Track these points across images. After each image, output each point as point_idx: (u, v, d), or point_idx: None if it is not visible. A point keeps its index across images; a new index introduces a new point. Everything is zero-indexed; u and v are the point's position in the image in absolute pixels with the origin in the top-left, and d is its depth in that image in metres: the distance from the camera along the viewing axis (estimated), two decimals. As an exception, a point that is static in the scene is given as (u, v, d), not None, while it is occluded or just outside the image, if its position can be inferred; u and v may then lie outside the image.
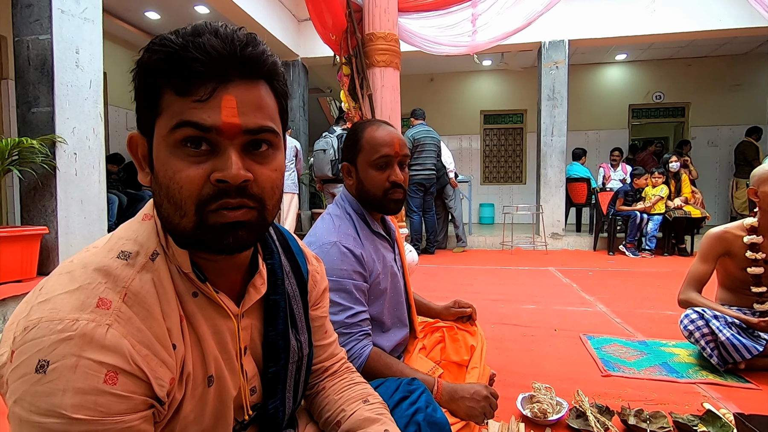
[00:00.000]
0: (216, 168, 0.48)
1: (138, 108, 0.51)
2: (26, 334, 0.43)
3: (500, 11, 3.25)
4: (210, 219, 0.49)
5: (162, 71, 0.47)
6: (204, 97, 0.47)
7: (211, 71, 0.47)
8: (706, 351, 1.74)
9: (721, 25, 5.48)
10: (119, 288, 0.47)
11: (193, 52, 0.46)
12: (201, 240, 0.50)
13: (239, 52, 0.48)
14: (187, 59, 0.46)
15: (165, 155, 0.48)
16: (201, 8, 5.46)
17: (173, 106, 0.47)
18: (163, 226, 0.53)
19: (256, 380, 0.62)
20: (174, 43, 0.46)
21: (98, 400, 0.42)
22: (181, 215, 0.49)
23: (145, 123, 0.51)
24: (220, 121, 0.47)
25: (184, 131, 0.47)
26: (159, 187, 0.50)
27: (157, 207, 0.53)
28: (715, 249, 1.85)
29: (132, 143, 0.53)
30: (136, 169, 2.01)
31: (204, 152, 0.48)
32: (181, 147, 0.48)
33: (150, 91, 0.49)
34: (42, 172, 2.59)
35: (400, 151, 1.10)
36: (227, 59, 0.47)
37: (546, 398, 1.38)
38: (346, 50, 2.31)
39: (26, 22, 2.61)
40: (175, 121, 0.47)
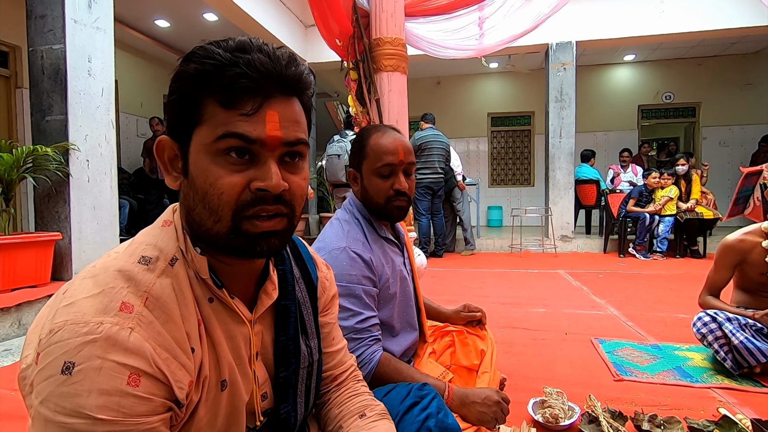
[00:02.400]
0: (256, 177, 0.51)
1: (172, 114, 0.52)
2: (52, 336, 0.45)
3: (507, 14, 3.25)
4: (243, 225, 0.51)
5: (207, 83, 0.49)
6: (250, 112, 0.50)
7: (258, 87, 0.50)
8: (719, 354, 1.71)
9: (732, 24, 5.42)
10: (141, 292, 0.48)
11: (243, 67, 0.48)
12: (234, 245, 0.52)
13: (284, 70, 0.51)
14: (236, 74, 0.48)
15: (206, 162, 0.50)
16: (210, 15, 5.53)
17: (218, 117, 0.50)
18: (190, 230, 0.55)
19: (267, 386, 0.63)
20: (222, 57, 0.49)
21: (121, 401, 0.43)
22: (216, 220, 0.51)
23: (179, 129, 0.52)
24: (265, 134, 0.50)
25: (229, 141, 0.49)
26: (195, 192, 0.52)
27: (187, 211, 0.54)
28: (731, 259, 1.81)
29: (160, 147, 0.54)
30: (145, 175, 2.05)
31: (245, 161, 0.51)
32: (223, 155, 0.50)
33: (190, 100, 0.51)
34: (55, 178, 2.63)
35: (405, 159, 1.09)
36: (272, 76, 0.50)
37: (558, 403, 1.36)
38: (353, 55, 2.32)
39: (40, 32, 2.66)
40: (221, 132, 0.49)
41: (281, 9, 5.65)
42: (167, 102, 0.53)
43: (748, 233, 1.80)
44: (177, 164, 0.54)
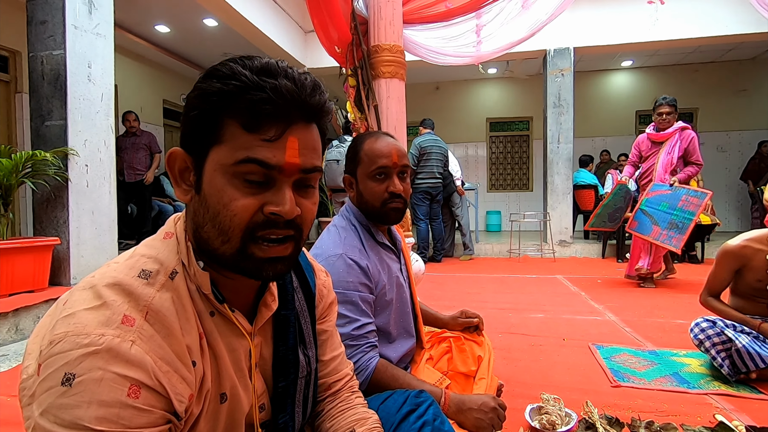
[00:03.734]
0: (270, 201, 0.51)
1: (190, 129, 0.52)
2: (52, 347, 0.45)
3: (504, 22, 3.27)
4: (251, 248, 0.51)
5: (230, 104, 0.49)
6: (273, 138, 0.50)
7: (281, 113, 0.50)
8: (716, 360, 1.71)
9: (728, 31, 5.46)
10: (141, 306, 0.49)
11: (269, 92, 0.48)
12: (240, 266, 0.52)
13: (308, 98, 0.51)
14: (261, 99, 0.48)
15: (221, 183, 0.50)
16: (210, 21, 5.56)
17: (239, 140, 0.49)
18: (194, 245, 0.55)
19: (265, 397, 0.63)
20: (248, 79, 0.48)
21: (121, 413, 0.43)
22: (224, 240, 0.51)
23: (196, 145, 0.52)
24: (284, 161, 0.50)
25: (249, 167, 0.49)
26: (205, 210, 0.51)
27: (196, 227, 0.54)
28: (732, 264, 1.82)
29: (171, 159, 0.54)
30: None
31: (260, 185, 0.51)
32: (239, 178, 0.50)
33: (211, 118, 0.50)
34: (54, 183, 2.64)
35: (398, 162, 1.10)
36: (296, 104, 0.50)
37: (555, 409, 1.36)
38: (351, 62, 2.34)
39: (41, 37, 2.68)
40: (241, 156, 0.49)
41: (281, 15, 5.68)
42: (185, 116, 0.52)
43: (751, 239, 1.79)
44: (188, 177, 0.54)
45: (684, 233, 3.28)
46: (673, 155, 3.56)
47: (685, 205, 3.34)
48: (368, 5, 2.31)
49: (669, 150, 3.56)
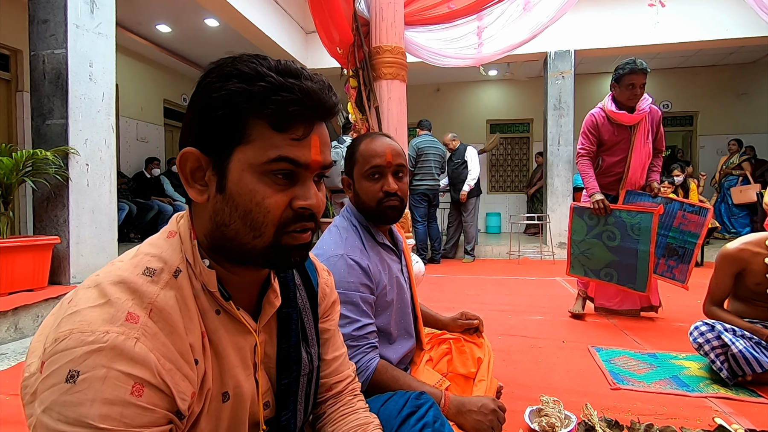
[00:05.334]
0: (297, 196, 0.54)
1: (209, 130, 0.52)
2: (57, 344, 0.45)
3: (505, 24, 3.28)
4: (284, 240, 0.54)
5: (256, 104, 0.50)
6: (301, 137, 0.52)
7: (308, 113, 0.52)
8: (715, 364, 1.72)
9: (728, 35, 5.47)
10: (145, 304, 0.49)
11: (298, 94, 0.51)
12: (268, 258, 0.54)
13: (327, 99, 0.54)
14: (291, 100, 0.50)
15: (252, 181, 0.52)
16: (211, 21, 5.57)
17: (268, 140, 0.51)
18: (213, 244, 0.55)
19: (269, 394, 0.63)
20: (274, 80, 0.50)
21: (124, 411, 0.44)
22: (256, 236, 0.53)
23: (217, 145, 0.52)
24: (311, 158, 0.53)
25: (281, 165, 0.52)
26: (233, 209, 0.52)
27: (217, 225, 0.54)
28: (731, 268, 1.82)
29: (183, 160, 0.53)
30: (145, 180, 2.06)
31: (288, 181, 0.54)
32: (270, 176, 0.52)
33: (235, 118, 0.51)
34: (55, 182, 2.64)
35: (393, 161, 1.10)
36: (319, 104, 0.53)
37: (554, 411, 1.36)
38: (353, 63, 2.34)
39: (42, 36, 2.68)
40: (274, 155, 0.51)
41: (282, 15, 5.69)
42: (203, 115, 0.52)
43: (749, 243, 1.80)
44: (201, 177, 0.54)
45: (688, 262, 2.49)
46: (649, 145, 2.67)
47: (683, 224, 2.51)
48: (370, 6, 2.31)
49: (646, 136, 2.63)
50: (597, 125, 2.65)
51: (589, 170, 2.68)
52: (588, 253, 2.69)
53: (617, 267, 2.59)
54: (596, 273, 2.67)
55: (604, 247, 2.61)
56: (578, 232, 2.73)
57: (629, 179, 2.65)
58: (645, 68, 2.54)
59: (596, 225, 2.63)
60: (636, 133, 2.61)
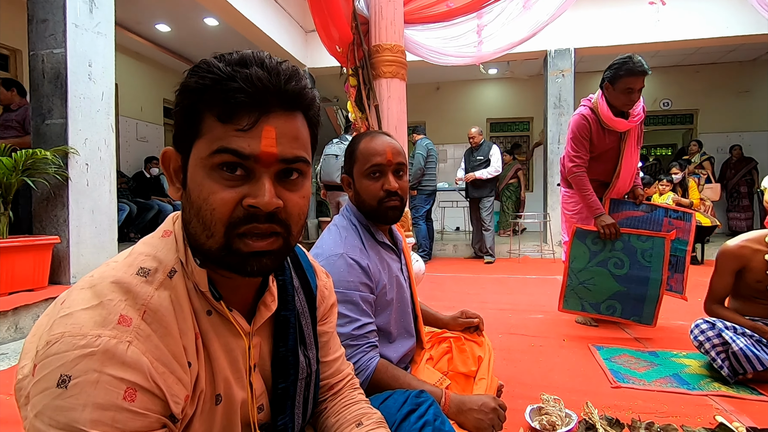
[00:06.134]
0: (249, 194, 0.49)
1: (177, 127, 0.53)
2: (49, 348, 0.44)
3: (505, 22, 3.27)
4: (235, 244, 0.50)
5: (206, 96, 0.49)
6: (246, 127, 0.49)
7: (255, 102, 0.49)
8: (716, 362, 1.71)
9: (729, 32, 5.46)
10: (139, 305, 0.48)
11: (240, 82, 0.48)
12: (226, 262, 0.51)
13: (283, 85, 0.50)
14: (233, 89, 0.48)
15: (201, 176, 0.50)
16: (210, 20, 5.56)
17: (214, 131, 0.49)
18: (188, 242, 0.55)
19: (264, 398, 0.62)
20: (221, 71, 0.48)
21: (116, 416, 0.43)
22: (209, 235, 0.50)
23: (182, 142, 0.52)
24: (259, 150, 0.49)
25: (222, 157, 0.49)
26: (190, 205, 0.51)
27: (185, 223, 0.54)
28: (732, 265, 1.82)
29: (165, 158, 0.54)
30: (145, 179, 2.06)
31: (238, 177, 0.50)
32: (217, 170, 0.49)
33: (191, 113, 0.50)
34: (55, 182, 2.64)
35: (393, 160, 1.09)
36: (271, 92, 0.49)
37: (555, 410, 1.36)
38: (353, 62, 2.34)
39: (41, 36, 2.68)
40: (215, 147, 0.49)
41: (282, 14, 5.68)
42: (173, 113, 0.53)
43: (749, 240, 1.80)
44: (179, 176, 0.54)
45: (682, 271, 2.35)
46: (639, 150, 2.45)
47: (669, 230, 2.32)
48: (369, 5, 2.31)
49: (636, 142, 2.40)
50: (585, 129, 2.30)
51: (587, 186, 2.33)
52: (589, 283, 2.35)
53: (623, 298, 2.31)
54: (596, 307, 2.37)
55: (611, 277, 2.30)
56: (579, 260, 2.34)
57: (617, 188, 2.41)
58: (645, 69, 2.18)
59: (601, 251, 2.30)
60: (627, 139, 2.35)
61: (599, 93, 2.29)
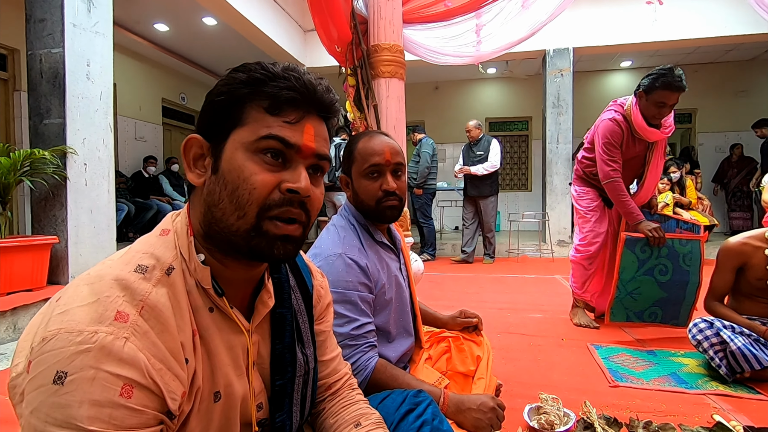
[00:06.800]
0: (287, 179, 0.54)
1: (212, 115, 0.56)
2: (44, 344, 0.44)
3: (504, 22, 3.27)
4: (265, 225, 0.53)
5: (257, 89, 0.54)
6: (293, 120, 0.55)
7: (302, 101, 0.55)
8: (714, 361, 1.72)
9: (727, 32, 5.47)
10: (136, 301, 0.48)
11: (293, 81, 0.54)
12: (251, 245, 0.54)
13: (323, 94, 0.57)
14: (287, 86, 0.54)
15: (242, 158, 0.53)
16: (209, 20, 5.55)
17: (262, 121, 0.54)
18: (206, 231, 0.56)
19: (263, 396, 0.63)
20: (274, 70, 0.55)
21: (113, 413, 0.43)
22: (240, 215, 0.53)
23: (217, 129, 0.55)
24: (302, 142, 0.55)
25: (269, 143, 0.54)
26: (223, 187, 0.54)
27: (209, 207, 0.55)
28: (732, 262, 1.84)
29: (188, 144, 0.57)
30: (143, 179, 2.06)
31: (279, 164, 0.55)
32: (260, 154, 0.54)
33: (236, 103, 0.54)
34: (53, 182, 2.63)
35: (391, 160, 1.09)
36: (314, 96, 0.56)
37: (553, 409, 1.37)
38: (351, 61, 2.34)
39: (39, 36, 2.67)
40: (264, 133, 0.54)
41: (280, 14, 5.67)
42: (208, 103, 0.56)
43: (751, 237, 1.82)
44: (202, 162, 0.57)
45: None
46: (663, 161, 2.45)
47: None
48: (368, 5, 2.31)
49: (663, 153, 2.39)
50: (617, 133, 2.23)
51: (625, 192, 2.25)
52: (635, 293, 2.27)
53: (664, 304, 2.28)
54: (639, 315, 2.31)
55: (655, 284, 2.25)
56: (628, 270, 2.25)
57: (639, 197, 2.35)
58: (683, 86, 2.11)
59: (649, 258, 2.23)
60: (655, 149, 2.33)
61: (633, 100, 2.23)
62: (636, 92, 2.21)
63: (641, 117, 2.18)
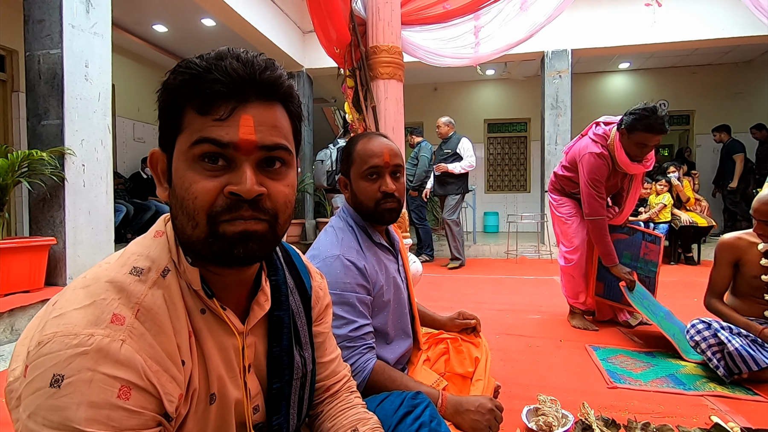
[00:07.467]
0: (231, 182, 0.50)
1: (161, 126, 0.54)
2: (41, 348, 0.44)
3: (502, 23, 3.28)
4: (221, 227, 0.50)
5: (185, 92, 0.50)
6: (224, 116, 0.50)
7: (231, 92, 0.50)
8: (712, 362, 1.73)
9: (725, 34, 5.49)
10: (132, 304, 0.48)
11: (216, 74, 0.49)
12: (212, 250, 0.51)
13: (258, 75, 0.51)
14: (209, 80, 0.49)
15: (183, 169, 0.51)
16: (208, 21, 5.55)
17: (194, 124, 0.50)
18: (177, 240, 0.55)
19: (260, 398, 0.62)
20: (198, 66, 0.50)
21: (111, 414, 0.43)
22: (194, 225, 0.51)
23: (166, 140, 0.53)
24: (238, 137, 0.50)
25: (202, 147, 0.50)
26: (175, 199, 0.52)
27: (172, 219, 0.54)
28: (727, 257, 1.89)
29: (153, 159, 0.55)
30: (142, 180, 2.07)
31: (220, 167, 0.50)
32: (198, 161, 0.50)
33: (173, 111, 0.52)
34: (51, 183, 2.62)
35: (390, 161, 1.10)
36: (246, 81, 0.50)
37: (551, 411, 1.37)
38: (350, 63, 2.34)
39: (38, 36, 2.67)
40: (195, 138, 0.50)
41: (279, 15, 5.68)
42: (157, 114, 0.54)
43: (746, 233, 1.87)
44: (166, 175, 0.55)
45: (653, 291, 2.47)
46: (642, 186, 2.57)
47: (647, 254, 2.48)
48: (367, 6, 2.31)
49: (642, 179, 2.48)
50: (602, 169, 2.24)
51: (607, 234, 2.31)
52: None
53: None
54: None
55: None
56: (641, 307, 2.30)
57: (617, 220, 2.48)
58: (664, 128, 2.08)
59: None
60: (634, 179, 2.40)
61: (615, 135, 2.22)
62: (618, 128, 2.21)
63: (624, 154, 2.20)
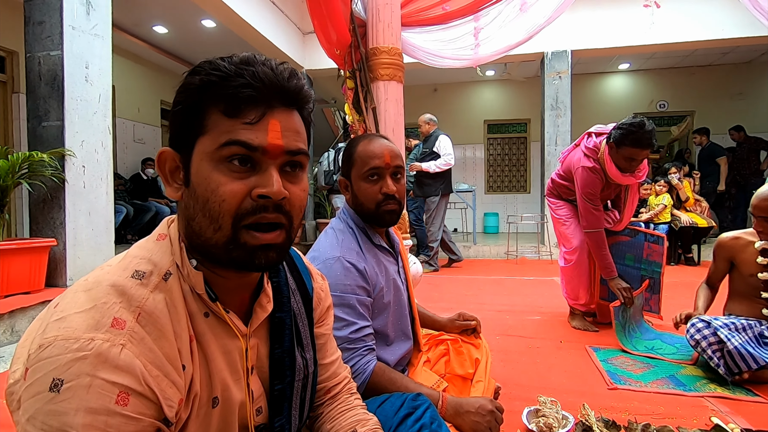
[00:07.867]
0: (258, 184, 0.51)
1: (176, 125, 0.53)
2: (41, 351, 0.44)
3: (502, 25, 3.28)
4: (243, 237, 0.51)
5: (212, 93, 0.51)
6: (254, 120, 0.51)
7: (261, 97, 0.51)
8: (713, 361, 1.72)
9: (724, 35, 5.50)
10: (133, 307, 0.48)
11: (247, 78, 0.50)
12: (232, 257, 0.52)
13: (285, 83, 0.53)
14: (240, 84, 0.50)
15: (208, 170, 0.51)
16: (208, 22, 5.56)
17: (221, 126, 0.51)
18: (188, 242, 0.55)
19: (262, 400, 0.62)
20: (227, 68, 0.51)
21: (109, 420, 0.43)
22: (216, 228, 0.51)
23: (182, 140, 0.53)
24: (267, 142, 0.51)
25: (232, 149, 0.50)
26: (195, 201, 0.52)
27: (186, 221, 0.54)
28: (724, 253, 1.96)
29: (161, 159, 0.55)
30: (142, 181, 2.07)
31: (247, 169, 0.51)
32: (225, 163, 0.51)
33: (195, 111, 0.52)
34: (51, 184, 2.63)
35: (391, 163, 1.10)
36: (275, 88, 0.52)
37: (552, 412, 1.37)
38: (350, 64, 2.34)
39: (38, 38, 2.67)
40: (224, 140, 0.50)
41: (279, 16, 5.68)
42: (172, 113, 0.54)
43: (744, 232, 1.92)
44: (178, 175, 0.54)
45: (658, 292, 2.44)
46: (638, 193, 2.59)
47: (650, 255, 2.43)
48: (367, 8, 2.31)
49: (638, 187, 2.53)
50: (595, 183, 2.24)
51: (606, 247, 2.32)
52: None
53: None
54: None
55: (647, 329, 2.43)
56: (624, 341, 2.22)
57: (617, 227, 2.47)
58: (651, 143, 2.08)
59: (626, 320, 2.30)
60: (630, 188, 2.40)
61: (605, 148, 2.21)
62: (607, 141, 2.20)
63: (615, 167, 2.20)
